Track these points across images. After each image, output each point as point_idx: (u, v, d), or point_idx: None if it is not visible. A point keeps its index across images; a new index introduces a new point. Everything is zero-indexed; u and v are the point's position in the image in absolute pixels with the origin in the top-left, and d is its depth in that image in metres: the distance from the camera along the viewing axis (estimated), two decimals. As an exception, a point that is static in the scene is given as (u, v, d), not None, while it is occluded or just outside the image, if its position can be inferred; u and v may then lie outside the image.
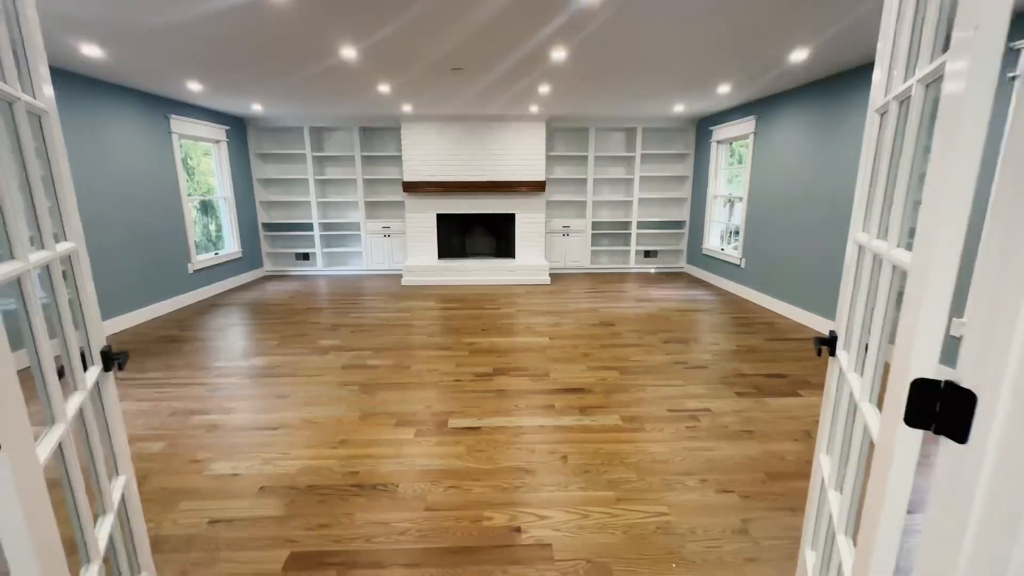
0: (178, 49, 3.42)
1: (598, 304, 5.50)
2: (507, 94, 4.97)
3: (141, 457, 2.39)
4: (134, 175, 4.75)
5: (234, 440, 2.55)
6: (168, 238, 5.23)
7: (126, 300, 4.62)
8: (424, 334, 4.39)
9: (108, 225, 4.42)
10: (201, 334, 4.39)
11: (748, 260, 5.70)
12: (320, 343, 4.14)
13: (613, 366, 3.59)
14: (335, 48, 3.38)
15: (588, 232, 7.33)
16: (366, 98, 5.14)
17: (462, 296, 5.93)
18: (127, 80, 4.37)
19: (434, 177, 6.72)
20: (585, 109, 6.05)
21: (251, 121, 6.77)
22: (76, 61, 3.66)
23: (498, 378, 3.37)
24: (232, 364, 3.65)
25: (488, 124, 6.62)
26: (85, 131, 4.17)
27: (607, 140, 7.32)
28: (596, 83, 4.53)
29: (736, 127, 5.88)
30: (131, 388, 3.23)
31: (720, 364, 3.63)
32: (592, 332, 4.44)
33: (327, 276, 7.24)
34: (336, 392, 3.15)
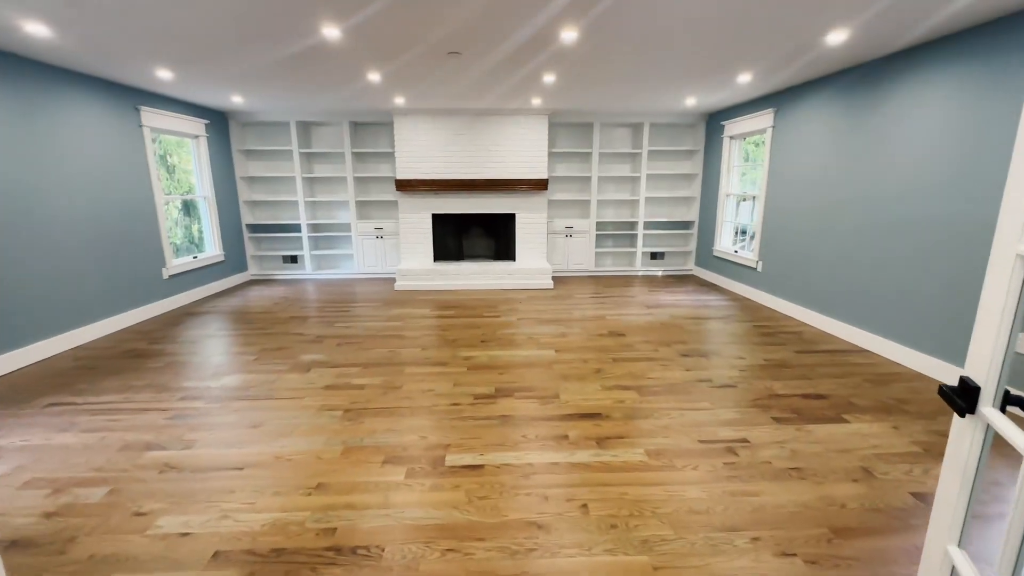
0: (139, 28, 3.00)
1: (605, 311, 5.11)
2: (508, 83, 4.57)
3: (74, 511, 1.98)
4: (98, 172, 4.32)
5: (190, 485, 2.15)
6: (139, 241, 4.80)
7: (89, 310, 4.20)
8: (417, 346, 3.99)
9: (66, 227, 3.99)
10: (170, 348, 3.97)
11: (766, 263, 5.33)
12: (302, 358, 3.73)
13: (630, 385, 3.21)
14: (315, 26, 2.97)
15: (592, 233, 6.94)
16: (355, 88, 4.73)
17: (459, 302, 5.53)
18: (88, 67, 3.94)
19: (429, 175, 6.32)
20: (590, 103, 5.66)
21: (233, 115, 6.34)
22: (20, 42, 3.23)
23: (501, 401, 2.97)
24: (200, 384, 3.24)
25: (487, 119, 6.22)
26: (36, 123, 3.73)
27: (612, 136, 6.94)
28: (605, 71, 4.15)
29: (751, 121, 5.50)
30: (80, 415, 2.81)
31: (749, 382, 3.25)
32: (602, 344, 4.05)
33: (316, 280, 6.82)
34: (316, 419, 2.75)
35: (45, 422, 2.73)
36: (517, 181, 6.28)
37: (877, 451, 2.41)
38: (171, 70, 4.03)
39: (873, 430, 2.61)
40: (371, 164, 6.86)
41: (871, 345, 3.83)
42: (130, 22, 2.89)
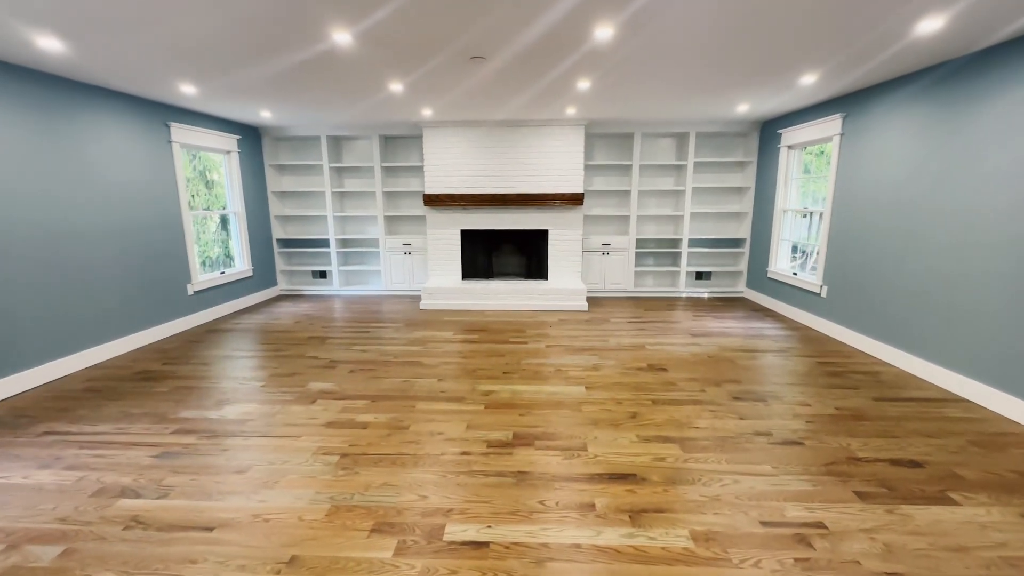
0: (148, 40, 2.87)
1: (644, 339, 4.61)
2: (539, 91, 4.23)
3: (15, 575, 1.73)
4: (127, 188, 4.29)
5: (150, 549, 1.86)
6: (165, 256, 4.76)
7: (111, 326, 4.13)
8: (434, 376, 3.65)
9: (92, 242, 3.94)
10: (182, 370, 3.82)
11: (832, 288, 4.68)
12: (310, 386, 3.46)
13: (671, 436, 2.72)
14: (325, 31, 2.73)
15: (631, 251, 6.45)
16: (378, 99, 4.53)
17: (485, 324, 5.18)
18: (117, 84, 3.92)
19: (458, 189, 6.05)
20: (629, 111, 5.23)
21: (266, 130, 6.33)
22: (40, 58, 3.18)
23: (519, 451, 2.56)
24: (199, 415, 3.02)
25: (518, 130, 5.90)
26: (65, 138, 3.71)
27: (654, 147, 6.45)
28: (646, 76, 3.72)
29: (814, 128, 4.90)
30: (69, 447, 2.63)
31: (819, 438, 2.69)
32: (639, 380, 3.57)
33: (343, 296, 6.67)
34: (308, 465, 2.44)
35: (33, 455, 2.56)
36: (550, 196, 5.90)
37: (1005, 552, 1.83)
38: (193, 84, 3.94)
39: (993, 517, 2.02)
40: (401, 178, 6.68)
41: (973, 394, 3.16)
42: (137, 34, 2.75)
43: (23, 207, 3.42)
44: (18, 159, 3.38)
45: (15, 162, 3.36)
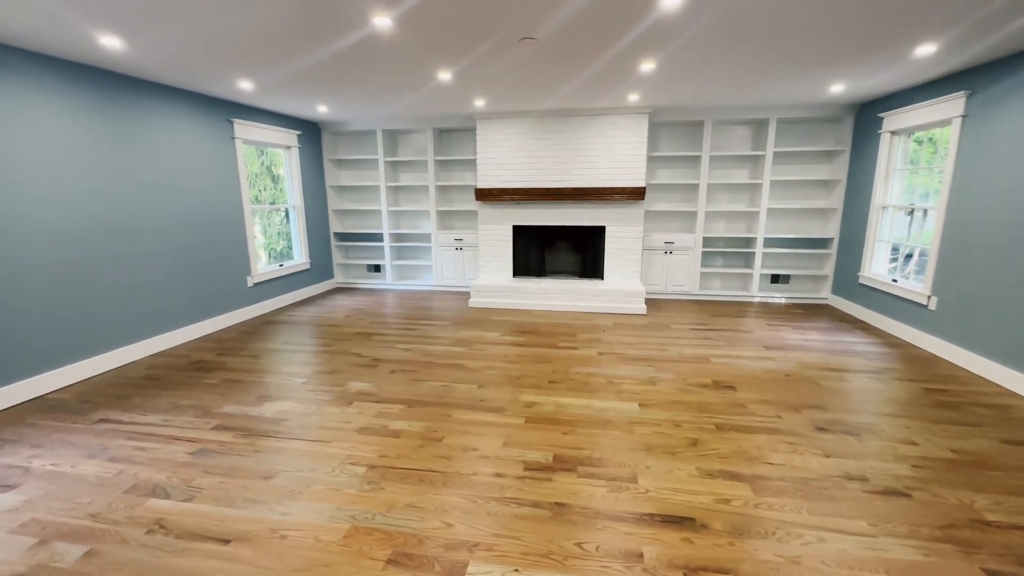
0: (200, 33, 2.86)
1: (710, 350, 4.14)
2: (598, 75, 3.87)
3: (37, 575, 1.71)
4: (191, 183, 4.45)
5: (165, 559, 1.79)
6: (227, 249, 4.92)
7: (174, 316, 4.32)
8: (475, 382, 3.45)
9: (158, 235, 4.12)
10: (232, 361, 3.89)
11: (943, 299, 3.95)
12: (349, 386, 3.38)
13: (740, 472, 2.33)
14: (365, 15, 2.57)
15: (698, 250, 5.90)
16: (429, 90, 4.37)
17: (535, 326, 4.92)
18: (183, 83, 4.04)
19: (511, 183, 5.81)
20: (700, 96, 4.72)
21: (325, 125, 6.43)
22: (103, 56, 3.29)
23: (558, 478, 2.29)
24: (239, 410, 3.01)
25: (576, 120, 5.55)
26: (132, 136, 3.87)
27: (727, 136, 5.85)
28: (721, 54, 3.26)
29: (927, 110, 4.15)
30: (117, 437, 2.69)
31: (930, 489, 2.19)
32: (702, 399, 3.16)
33: (395, 291, 6.67)
34: (334, 476, 2.31)
35: (84, 442, 2.64)
36: (609, 190, 5.51)
37: None
38: (249, 80, 3.98)
39: None
40: (455, 172, 6.55)
41: None
42: (186, 27, 2.73)
43: (95, 202, 3.59)
44: (90, 156, 3.55)
45: (87, 159, 3.53)
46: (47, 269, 3.29)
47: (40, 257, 3.25)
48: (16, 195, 3.09)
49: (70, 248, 3.43)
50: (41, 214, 3.24)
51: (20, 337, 3.14)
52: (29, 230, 3.17)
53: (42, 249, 3.25)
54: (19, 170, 3.11)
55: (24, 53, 3.10)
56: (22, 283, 3.14)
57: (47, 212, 3.28)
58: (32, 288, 3.20)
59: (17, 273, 3.11)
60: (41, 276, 3.25)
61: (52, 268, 3.32)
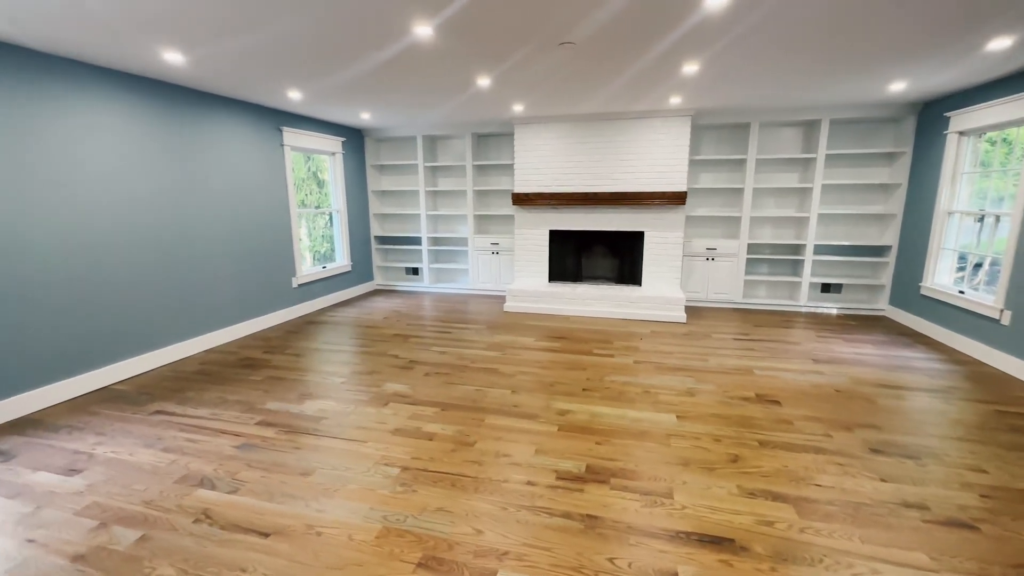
0: (251, 46, 3.01)
1: (753, 361, 3.97)
2: (637, 76, 3.80)
3: (97, 560, 1.83)
4: (243, 188, 4.69)
5: (210, 549, 1.88)
6: (274, 251, 5.15)
7: (226, 314, 4.55)
8: (508, 387, 3.44)
9: (211, 238, 4.36)
10: (277, 359, 4.05)
11: (1018, 313, 3.63)
12: (385, 387, 3.45)
13: (784, 493, 2.21)
14: (406, 25, 2.63)
15: (742, 256, 5.68)
16: (468, 96, 4.42)
17: (570, 332, 4.87)
18: (237, 93, 4.26)
19: (548, 188, 5.79)
20: (747, 97, 4.55)
21: (368, 132, 6.62)
22: (166, 70, 3.52)
23: (591, 489, 2.24)
24: (282, 407, 3.13)
25: (615, 124, 5.47)
26: (191, 144, 4.11)
27: (775, 138, 5.61)
28: (770, 53, 3.13)
29: (1002, 108, 3.83)
30: (171, 428, 2.85)
31: (1001, 523, 2.00)
32: (744, 413, 3.03)
33: (432, 294, 6.78)
34: (368, 476, 2.36)
35: (141, 432, 2.81)
36: (648, 194, 5.39)
37: None
38: (298, 89, 4.15)
39: None
40: (493, 177, 6.60)
41: None
42: (239, 39, 2.88)
43: (157, 208, 3.84)
44: (152, 164, 3.80)
45: (150, 167, 3.78)
46: (116, 270, 3.54)
47: (110, 259, 3.50)
48: (90, 202, 3.35)
49: (135, 251, 3.68)
50: (111, 220, 3.49)
51: (91, 331, 3.39)
52: (101, 235, 3.43)
53: (111, 252, 3.50)
54: (91, 178, 3.37)
55: (95, 68, 3.36)
56: (95, 283, 3.40)
57: (116, 218, 3.53)
58: (103, 287, 3.45)
59: (91, 274, 3.37)
60: (111, 276, 3.50)
61: (120, 269, 3.57)
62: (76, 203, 3.28)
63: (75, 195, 3.27)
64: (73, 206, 3.26)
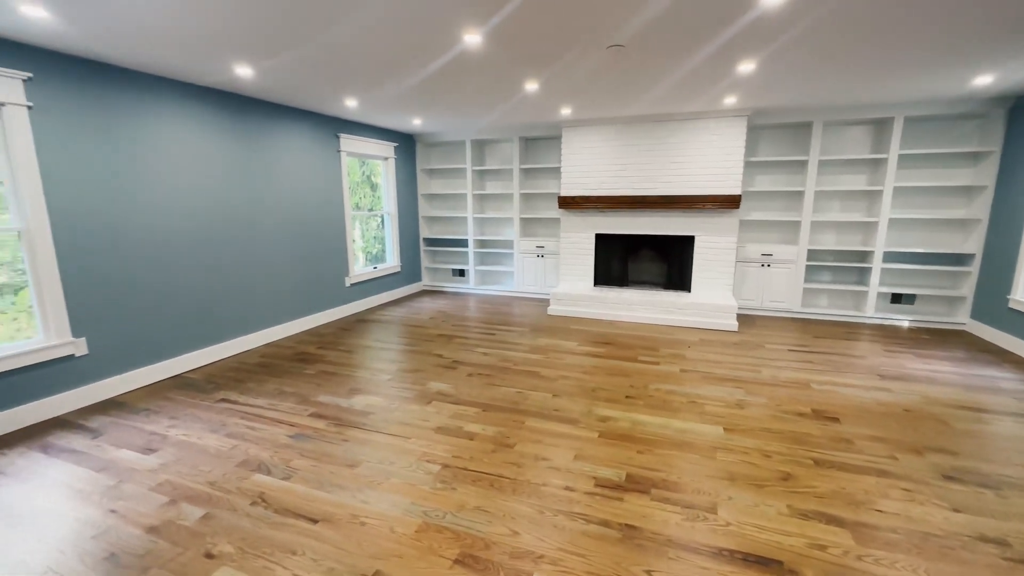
0: (315, 61, 3.20)
1: (811, 374, 3.75)
2: (688, 78, 3.70)
3: (167, 532, 2.00)
4: (303, 192, 4.97)
5: (264, 531, 2.01)
6: (330, 252, 5.42)
7: (284, 310, 4.83)
8: (549, 391, 3.44)
9: (273, 239, 4.65)
10: (330, 355, 4.26)
11: None
12: (429, 386, 3.54)
13: (839, 516, 2.07)
14: (456, 33, 2.70)
15: (801, 263, 5.38)
16: (516, 101, 4.47)
17: (614, 337, 4.79)
18: (299, 102, 4.53)
19: (595, 191, 5.73)
20: (808, 95, 4.31)
21: (419, 137, 6.83)
22: (236, 83, 3.79)
23: (630, 498, 2.21)
24: (332, 401, 3.29)
25: (665, 126, 5.34)
26: (257, 151, 4.41)
27: (841, 137, 5.28)
28: (837, 49, 2.96)
29: (1111, 102, 3.41)
30: (234, 416, 3.07)
31: (1100, 567, 1.79)
32: (798, 429, 2.87)
33: (477, 295, 6.88)
34: (411, 471, 2.43)
35: (208, 418, 3.04)
36: (700, 198, 5.22)
37: None
38: (354, 98, 4.35)
39: None
40: (540, 180, 6.62)
41: None
42: (299, 50, 3.07)
43: (224, 211, 4.14)
44: (222, 171, 4.11)
45: (219, 174, 4.09)
46: (189, 269, 3.85)
47: (184, 259, 3.81)
48: (166, 207, 3.67)
49: (206, 251, 3.99)
50: (185, 222, 3.81)
51: (166, 324, 3.71)
52: (176, 237, 3.74)
53: (186, 252, 3.82)
54: (167, 186, 3.69)
55: (175, 83, 3.68)
56: (170, 281, 3.71)
57: (189, 221, 3.84)
58: (177, 285, 3.77)
59: (167, 273, 3.69)
60: (184, 275, 3.82)
61: (192, 268, 3.88)
62: (158, 206, 3.60)
63: (157, 199, 3.59)
64: (156, 209, 3.58)
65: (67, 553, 1.88)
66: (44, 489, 2.30)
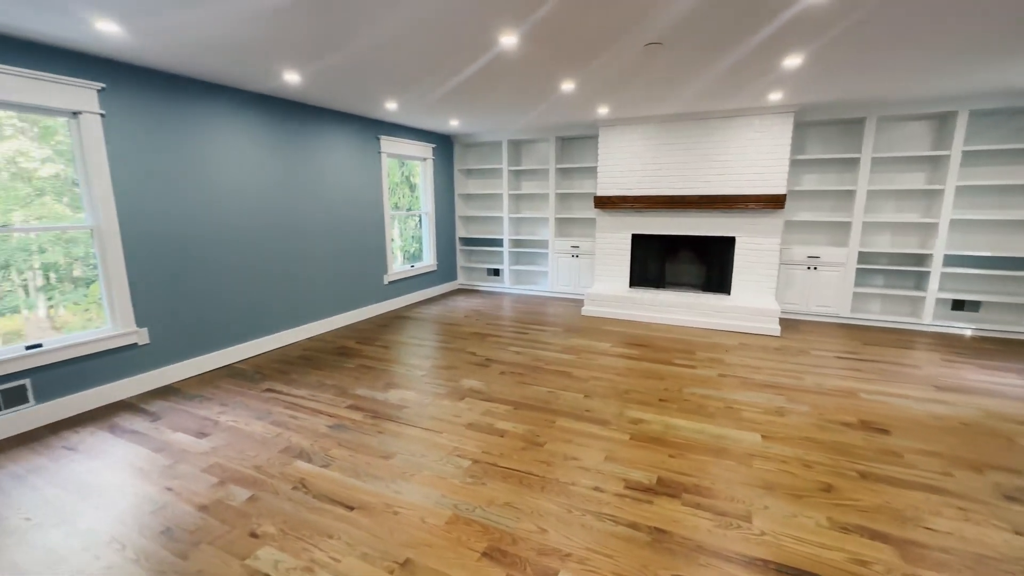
0: (356, 66, 3.32)
1: (858, 383, 3.57)
2: (729, 74, 3.60)
3: (217, 510, 2.14)
4: (346, 193, 5.16)
5: (304, 514, 2.11)
6: (370, 251, 5.59)
7: (326, 306, 5.03)
8: (581, 391, 3.43)
9: (317, 238, 4.85)
10: (367, 350, 4.40)
11: None
12: (462, 383, 3.61)
13: (884, 531, 1.97)
14: (492, 35, 2.74)
15: (851, 266, 5.12)
16: (552, 101, 4.47)
17: (649, 340, 4.72)
18: (342, 106, 4.71)
19: (632, 191, 5.66)
20: (861, 88, 4.09)
21: (457, 138, 6.94)
22: (285, 88, 3.98)
23: (660, 502, 2.18)
24: (369, 394, 3.40)
25: (704, 123, 5.20)
26: (301, 153, 4.61)
27: (897, 133, 4.98)
28: (895, 39, 2.80)
29: None
30: (278, 405, 3.23)
31: None
32: (842, 439, 2.74)
33: (512, 295, 6.93)
34: (442, 464, 2.49)
35: (255, 406, 3.21)
36: (742, 197, 5.05)
37: None
38: (394, 101, 4.48)
39: None
40: (575, 180, 6.59)
41: None
42: (342, 53, 3.19)
43: (272, 211, 4.36)
44: (270, 172, 4.32)
45: (268, 175, 4.31)
46: (240, 266, 4.08)
47: (235, 257, 4.04)
48: (220, 208, 3.90)
49: (255, 250, 4.21)
50: (235, 220, 4.04)
51: (219, 317, 3.95)
52: (229, 236, 3.97)
53: (238, 250, 4.05)
54: (222, 188, 3.91)
55: (227, 90, 3.90)
56: (223, 277, 3.95)
57: (238, 219, 4.07)
58: (229, 281, 4.00)
59: (220, 269, 3.92)
60: (236, 272, 4.05)
61: (242, 266, 4.11)
62: (213, 207, 3.84)
63: (212, 200, 3.83)
64: (211, 209, 3.82)
65: (128, 525, 2.05)
66: (110, 466, 2.50)
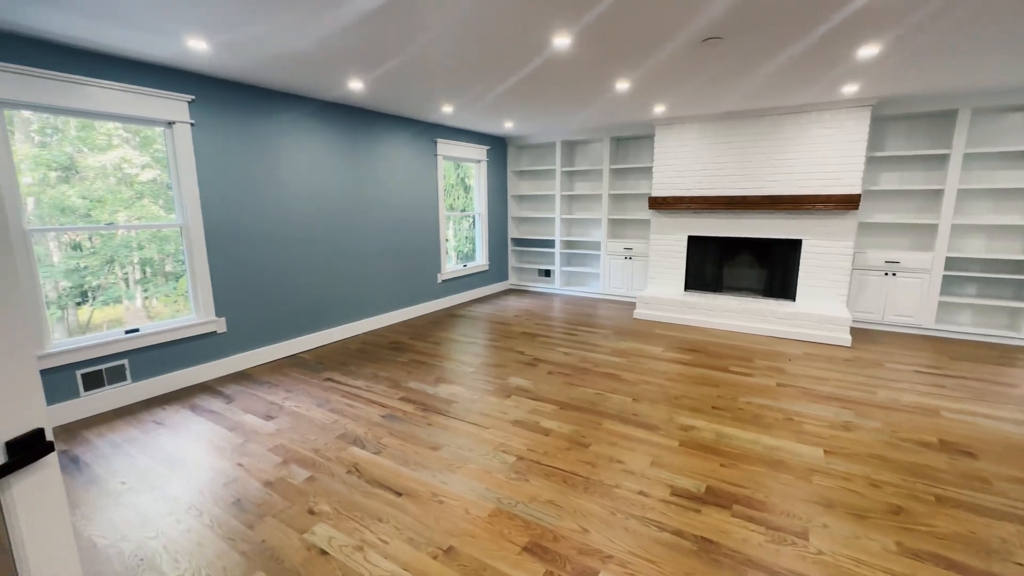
0: (415, 71, 3.47)
1: (941, 400, 3.26)
2: (797, 65, 3.41)
3: (280, 487, 2.31)
4: (404, 194, 5.38)
5: (356, 497, 2.23)
6: (425, 250, 5.79)
7: (383, 303, 5.27)
8: (629, 395, 3.37)
9: (376, 238, 5.09)
10: (420, 345, 4.56)
11: None
12: (510, 380, 3.65)
13: (962, 562, 1.80)
14: (546, 37, 2.77)
15: (937, 272, 4.67)
16: (606, 100, 4.43)
17: (703, 345, 4.55)
18: (402, 111, 4.91)
19: (689, 191, 5.48)
20: (953, 78, 3.73)
21: (510, 140, 7.02)
22: (350, 95, 4.21)
23: (708, 512, 2.11)
24: (420, 388, 3.53)
25: (768, 120, 4.94)
26: (364, 157, 4.86)
27: (994, 126, 4.49)
28: (992, 22, 2.54)
29: None
30: (336, 394, 3.43)
31: None
32: (918, 460, 2.52)
33: (562, 296, 6.91)
34: (488, 459, 2.54)
35: (316, 394, 3.43)
36: (810, 198, 4.75)
37: None
38: (450, 104, 4.61)
39: None
40: (630, 181, 6.47)
41: None
42: (400, 59, 3.34)
43: (336, 212, 4.63)
44: (336, 175, 4.59)
45: (334, 177, 4.57)
46: (307, 264, 4.37)
47: (303, 255, 4.33)
48: (291, 209, 4.19)
49: (320, 249, 4.49)
50: (303, 220, 4.32)
51: (286, 311, 4.24)
52: (299, 235, 4.26)
53: (305, 248, 4.34)
54: (293, 191, 4.21)
55: (299, 99, 4.19)
56: (290, 273, 4.24)
57: (306, 219, 4.35)
58: (296, 277, 4.29)
59: (289, 266, 4.21)
60: (303, 269, 4.34)
61: (309, 263, 4.39)
62: (285, 208, 4.13)
63: (285, 202, 4.12)
64: (283, 211, 4.12)
65: (205, 495, 2.26)
66: (191, 441, 2.77)
